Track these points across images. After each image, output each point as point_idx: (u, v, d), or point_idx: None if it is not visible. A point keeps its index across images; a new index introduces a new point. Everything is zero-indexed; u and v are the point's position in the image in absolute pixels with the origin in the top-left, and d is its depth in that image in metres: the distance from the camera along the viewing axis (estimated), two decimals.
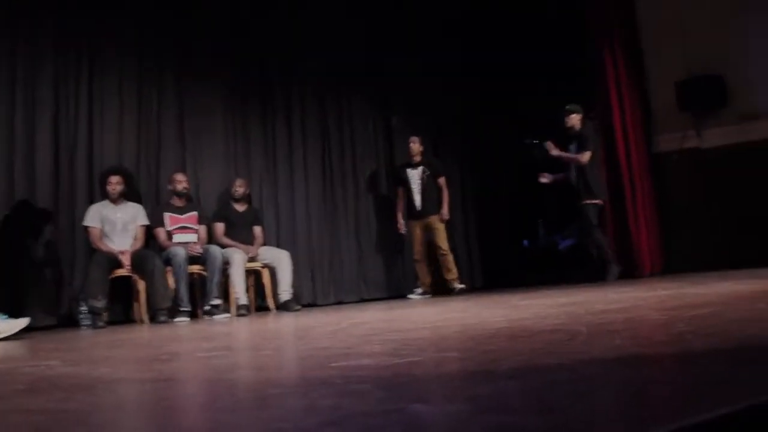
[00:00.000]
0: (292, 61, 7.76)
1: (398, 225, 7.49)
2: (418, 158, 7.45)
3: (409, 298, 7.29)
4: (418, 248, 7.39)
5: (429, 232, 7.37)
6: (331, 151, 7.96)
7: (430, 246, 7.41)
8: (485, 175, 7.57)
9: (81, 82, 6.41)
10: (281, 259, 6.56)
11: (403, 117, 8.55)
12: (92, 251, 5.96)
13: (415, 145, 7.43)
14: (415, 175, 7.43)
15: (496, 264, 8.68)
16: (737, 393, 1.09)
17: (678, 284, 4.74)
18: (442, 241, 7.31)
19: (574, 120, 7.11)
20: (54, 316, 5.91)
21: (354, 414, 1.19)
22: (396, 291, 8.05)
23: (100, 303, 5.52)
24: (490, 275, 8.61)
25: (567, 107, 7.15)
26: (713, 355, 1.55)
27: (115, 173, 6.14)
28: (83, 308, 5.67)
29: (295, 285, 6.67)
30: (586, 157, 6.99)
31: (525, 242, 10.01)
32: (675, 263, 7.43)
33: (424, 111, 8.67)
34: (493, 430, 0.98)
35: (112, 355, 2.81)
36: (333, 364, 1.84)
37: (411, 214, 7.43)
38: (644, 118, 7.77)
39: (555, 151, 7.09)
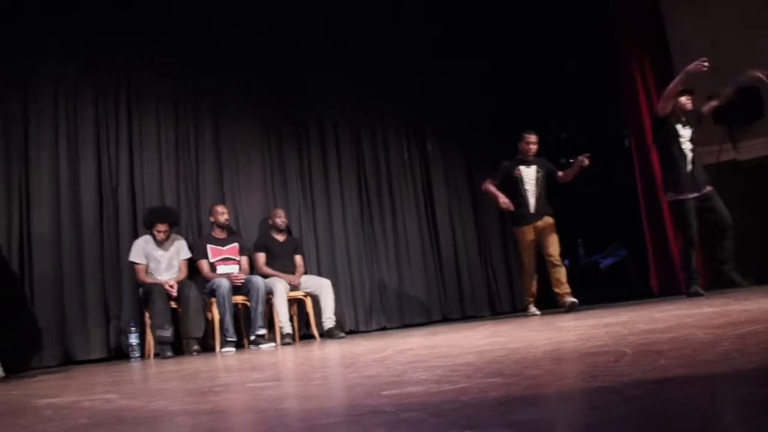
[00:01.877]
0: (326, 92, 7.91)
1: (501, 201, 6.52)
2: (533, 157, 6.69)
3: (533, 314, 6.59)
4: (530, 260, 6.60)
5: (539, 236, 6.58)
6: (367, 178, 8.05)
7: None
8: None
9: (120, 117, 6.63)
10: (323, 287, 6.63)
11: (437, 140, 8.62)
12: (138, 285, 6.12)
13: (534, 146, 6.63)
14: (530, 174, 6.65)
15: (538, 285, 8.66)
16: None
17: (723, 300, 4.69)
18: (554, 248, 6.52)
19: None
20: (104, 349, 6.07)
21: None
22: (438, 315, 8.07)
23: (167, 332, 5.70)
24: None
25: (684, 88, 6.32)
26: (760, 375, 1.57)
27: (162, 221, 6.22)
28: (133, 341, 5.81)
29: (338, 312, 6.74)
30: None
31: (565, 262, 9.94)
32: (718, 278, 7.32)
33: (457, 133, 8.75)
34: None
35: (167, 388, 2.89)
36: (383, 392, 1.89)
37: (521, 218, 6.60)
38: None
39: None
